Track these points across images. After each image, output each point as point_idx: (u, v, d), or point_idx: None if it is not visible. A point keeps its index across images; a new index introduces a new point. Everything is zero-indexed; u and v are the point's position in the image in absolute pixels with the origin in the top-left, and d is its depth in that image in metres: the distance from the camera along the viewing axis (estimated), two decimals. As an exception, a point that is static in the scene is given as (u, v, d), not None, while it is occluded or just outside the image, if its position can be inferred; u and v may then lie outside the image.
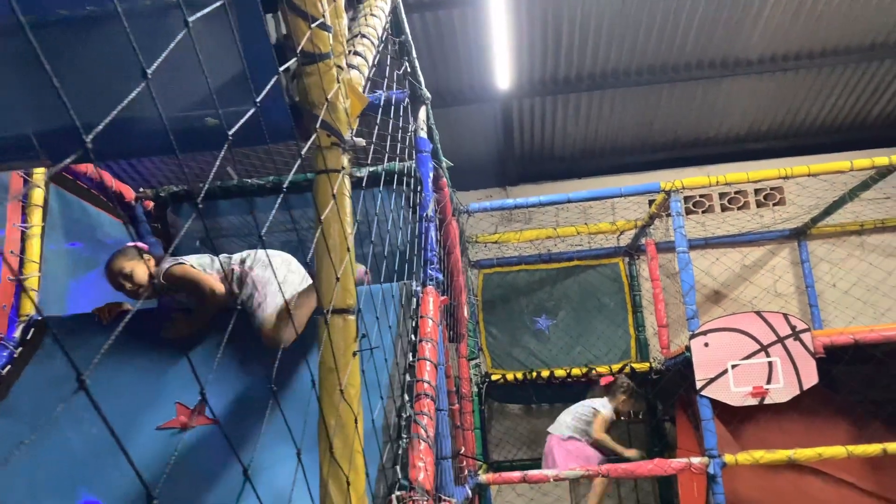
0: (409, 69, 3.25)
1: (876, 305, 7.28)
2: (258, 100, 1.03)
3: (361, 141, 1.60)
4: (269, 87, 1.09)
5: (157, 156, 5.41)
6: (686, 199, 7.91)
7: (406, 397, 2.80)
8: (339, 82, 1.48)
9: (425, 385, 2.83)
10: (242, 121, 0.99)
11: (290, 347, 2.72)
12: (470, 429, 5.40)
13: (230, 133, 0.91)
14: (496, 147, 7.79)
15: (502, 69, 6.27)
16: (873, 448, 4.88)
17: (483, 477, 5.18)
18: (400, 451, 2.57)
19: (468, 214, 5.82)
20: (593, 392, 6.41)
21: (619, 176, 7.80)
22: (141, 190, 4.92)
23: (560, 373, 6.63)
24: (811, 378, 5.01)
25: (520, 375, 6.74)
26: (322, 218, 1.45)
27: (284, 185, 1.24)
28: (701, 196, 7.90)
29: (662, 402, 7.00)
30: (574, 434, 5.95)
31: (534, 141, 7.82)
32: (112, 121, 0.71)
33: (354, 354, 1.38)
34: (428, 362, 2.96)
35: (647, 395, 7.13)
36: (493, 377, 6.77)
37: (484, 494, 6.51)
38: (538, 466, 6.15)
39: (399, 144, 3.39)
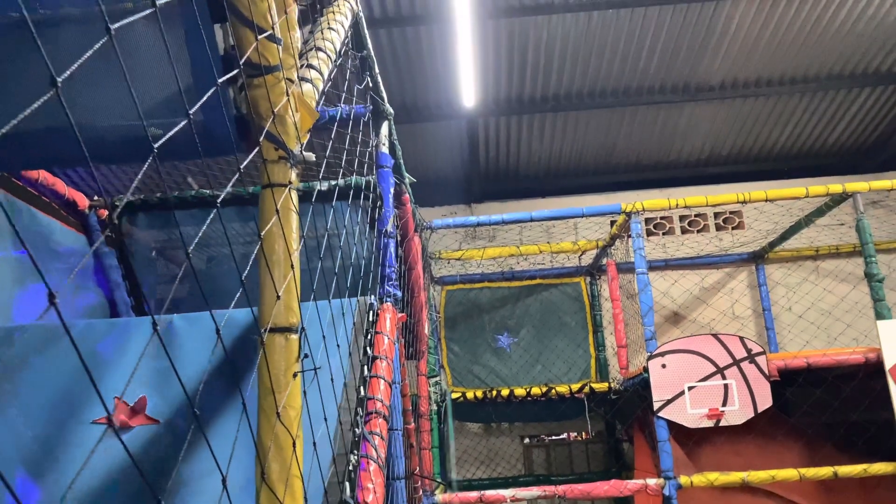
0: (370, 84, 3.22)
1: (829, 329, 7.42)
2: (192, 111, 0.99)
3: (311, 156, 1.57)
4: (204, 98, 1.06)
5: (105, 164, 5.28)
6: (647, 220, 8.00)
7: (359, 411, 2.76)
8: (287, 95, 1.45)
9: (378, 403, 2.79)
10: (173, 132, 0.96)
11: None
12: (427, 448, 5.35)
13: (156, 146, 0.87)
14: (461, 164, 7.81)
15: (468, 87, 6.29)
16: (825, 471, 4.94)
17: (439, 497, 5.12)
18: (350, 468, 2.51)
19: (431, 230, 5.79)
20: None
21: (583, 196, 7.86)
22: (95, 198, 4.81)
23: (520, 392, 6.62)
24: (766, 400, 5.07)
25: (479, 394, 6.70)
26: (263, 233, 1.41)
27: (218, 201, 1.20)
28: (662, 218, 8.00)
29: (621, 423, 7.02)
30: None
31: (499, 159, 7.85)
32: (56, 128, 0.67)
33: (295, 375, 1.34)
34: (382, 380, 2.91)
35: (606, 416, 7.16)
36: (453, 395, 6.72)
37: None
38: (497, 486, 6.10)
39: (359, 160, 3.36)
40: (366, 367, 2.99)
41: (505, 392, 6.66)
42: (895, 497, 4.95)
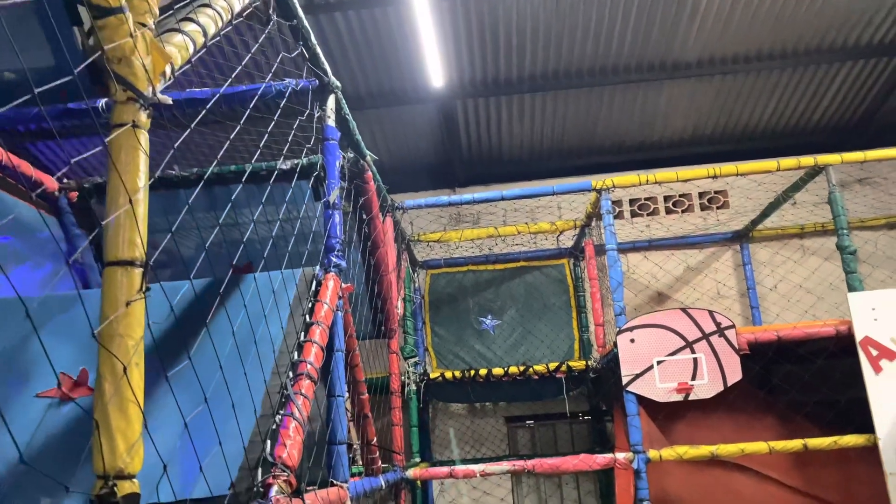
0: (307, 55, 3.26)
1: (814, 307, 7.38)
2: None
3: (167, 99, 1.61)
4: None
5: None
6: (631, 202, 7.99)
7: (290, 374, 2.81)
8: (132, 36, 1.49)
9: (307, 366, 2.83)
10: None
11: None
12: (399, 424, 5.40)
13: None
14: (443, 148, 7.83)
15: (434, 68, 6.31)
16: (794, 444, 4.93)
17: (409, 472, 5.17)
18: (274, 427, 2.57)
19: (403, 211, 5.83)
20: None
21: (566, 179, 7.85)
22: (65, 181, 4.89)
23: (498, 371, 6.65)
24: (736, 374, 5.06)
25: (458, 374, 6.74)
26: (110, 170, 1.45)
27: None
28: (646, 199, 7.98)
29: (606, 403, 7.04)
30: None
31: (481, 143, 7.87)
32: None
33: (128, 304, 1.38)
34: (315, 344, 2.96)
35: (591, 397, 7.18)
36: (432, 375, 6.76)
37: (422, 492, 6.50)
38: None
39: (299, 133, 3.40)
40: (302, 333, 3.04)
41: (483, 372, 6.70)
42: (868, 471, 4.92)
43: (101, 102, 3.63)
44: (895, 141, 6.96)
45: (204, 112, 3.44)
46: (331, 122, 3.68)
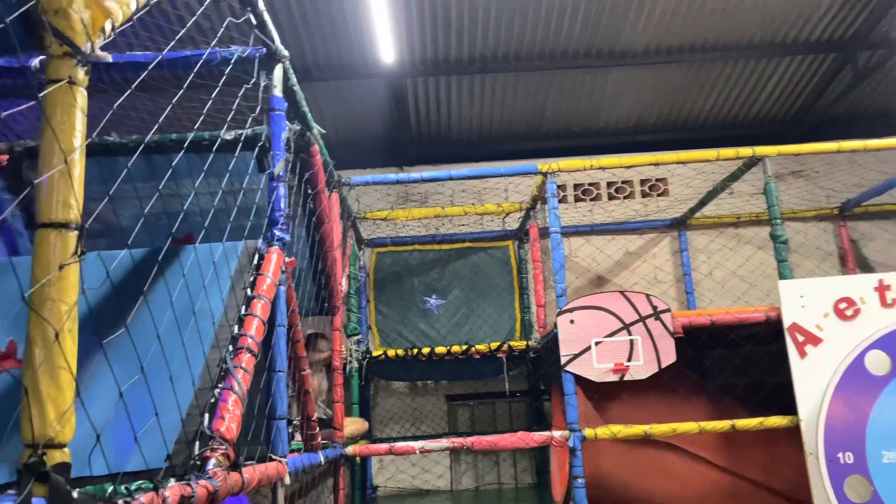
0: (254, 22, 3.17)
1: (747, 295, 7.64)
2: None
3: (107, 55, 1.55)
4: None
5: None
6: (575, 186, 8.10)
7: (230, 348, 2.77)
8: (70, -10, 1.43)
9: (248, 340, 2.79)
10: None
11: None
12: (340, 401, 5.38)
13: None
14: (392, 126, 7.77)
15: (385, 44, 6.24)
16: (723, 424, 5.12)
17: (349, 449, 5.17)
18: (212, 401, 2.53)
19: (350, 187, 5.77)
20: None
21: (514, 162, 7.88)
22: (-6, 144, 4.67)
23: (441, 350, 6.69)
24: (670, 356, 5.21)
25: (401, 352, 6.76)
26: (46, 130, 1.40)
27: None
28: (590, 184, 8.11)
29: (544, 383, 7.16)
30: None
31: (430, 122, 7.84)
32: None
33: (61, 268, 1.33)
34: (256, 318, 2.92)
35: (530, 376, 7.30)
36: (375, 353, 6.76)
37: (361, 469, 6.52)
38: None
39: (245, 103, 3.32)
40: (243, 306, 2.99)
41: (426, 351, 6.74)
42: (790, 451, 5.14)
43: (35, 61, 3.47)
44: (828, 136, 7.22)
45: (144, 75, 3.33)
46: (277, 92, 3.61)
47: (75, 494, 1.27)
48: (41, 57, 3.49)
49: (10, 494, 1.17)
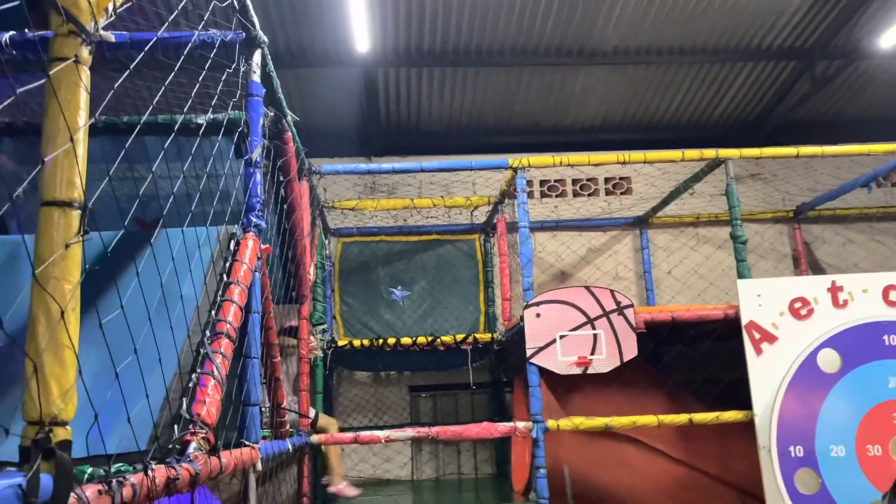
0: (236, 6, 3.15)
1: (705, 293, 7.85)
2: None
3: (110, 36, 1.55)
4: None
5: None
6: (542, 182, 8.21)
7: (207, 333, 2.76)
8: (76, -32, 1.42)
9: (226, 325, 2.79)
10: None
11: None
12: (305, 390, 5.38)
13: None
14: (361, 115, 7.76)
15: (361, 31, 6.22)
16: (681, 418, 5.27)
17: (314, 438, 5.18)
18: (191, 385, 2.53)
19: (320, 175, 5.76)
20: None
21: (482, 156, 7.95)
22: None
23: (406, 341, 6.73)
24: (632, 351, 5.34)
25: (366, 342, 6.77)
26: (51, 108, 1.39)
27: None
28: (556, 181, 8.22)
29: (507, 375, 7.25)
30: None
31: (400, 113, 7.84)
32: None
33: (67, 247, 1.34)
34: (233, 304, 2.92)
35: (493, 369, 7.38)
36: (340, 343, 6.76)
37: (324, 458, 6.51)
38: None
39: (230, 89, 3.30)
40: (219, 292, 2.98)
41: (392, 341, 6.77)
42: (744, 445, 5.31)
43: (5, 37, 3.39)
44: (786, 141, 7.48)
45: (120, 55, 3.28)
46: (256, 77, 3.59)
47: (88, 471, 1.28)
48: (10, 33, 3.41)
49: (11, 471, 1.18)
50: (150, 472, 1.72)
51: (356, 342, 6.81)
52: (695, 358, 5.95)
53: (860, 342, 5.21)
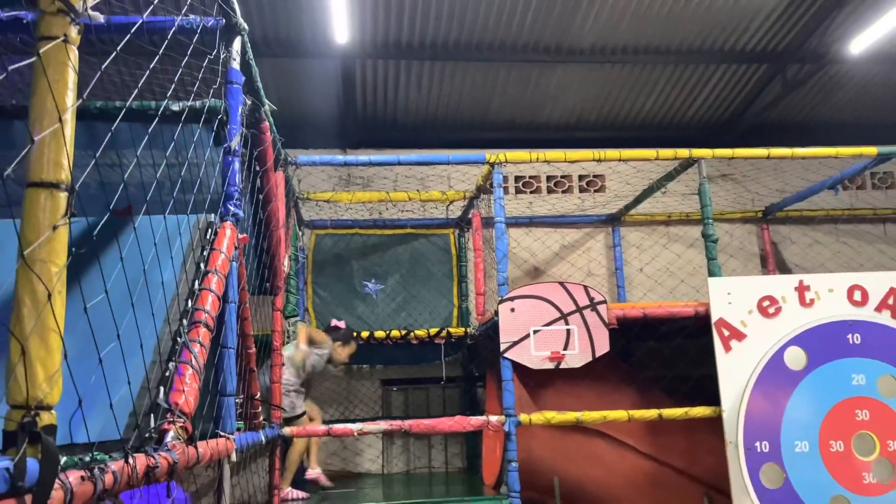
0: (218, -8, 3.12)
1: (676, 290, 7.96)
2: None
3: (98, 15, 1.53)
4: None
5: None
6: (517, 179, 8.25)
7: (183, 322, 2.73)
8: (66, -55, 1.40)
9: (203, 314, 2.77)
10: None
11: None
12: (278, 382, 5.35)
13: None
14: (337, 107, 7.71)
15: (340, 22, 6.18)
16: (651, 413, 5.35)
17: (286, 430, 5.15)
18: (167, 374, 2.50)
19: (296, 166, 5.72)
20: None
21: (458, 151, 7.94)
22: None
23: (380, 334, 6.72)
24: (604, 346, 5.40)
25: (340, 335, 6.74)
26: (39, 88, 1.37)
27: None
28: (531, 177, 8.26)
29: (479, 370, 7.29)
30: None
31: (376, 105, 7.82)
32: None
33: (55, 229, 1.32)
34: (211, 293, 2.89)
35: (465, 363, 7.41)
36: (313, 335, 6.72)
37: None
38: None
39: (210, 76, 3.26)
40: (197, 281, 2.95)
41: (365, 334, 6.75)
42: (711, 440, 5.41)
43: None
44: (757, 142, 7.59)
45: (95, 38, 3.21)
46: (236, 65, 3.56)
47: (63, 458, 1.27)
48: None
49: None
50: (130, 460, 1.70)
51: (329, 335, 6.76)
52: (665, 354, 6.04)
53: (825, 340, 5.32)
